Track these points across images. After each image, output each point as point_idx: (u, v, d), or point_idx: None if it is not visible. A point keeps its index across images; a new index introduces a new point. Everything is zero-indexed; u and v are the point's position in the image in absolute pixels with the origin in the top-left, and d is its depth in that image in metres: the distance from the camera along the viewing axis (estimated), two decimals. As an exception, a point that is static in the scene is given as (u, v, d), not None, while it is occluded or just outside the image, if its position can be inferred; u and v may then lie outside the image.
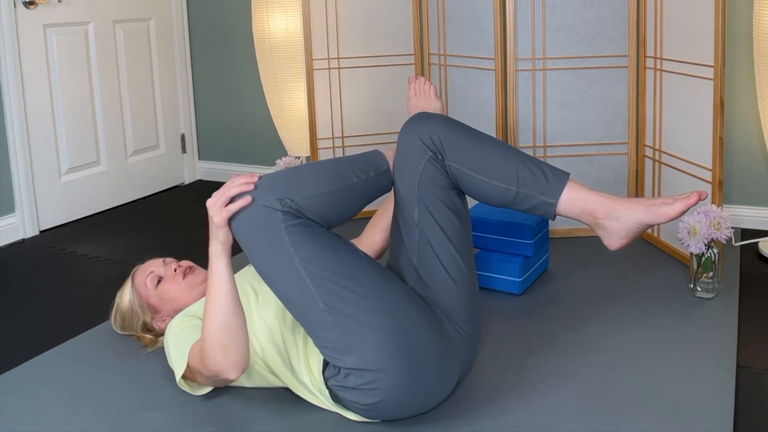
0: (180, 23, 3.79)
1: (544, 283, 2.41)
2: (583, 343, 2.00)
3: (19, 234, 3.09)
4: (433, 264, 1.70)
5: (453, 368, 1.67)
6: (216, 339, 1.61)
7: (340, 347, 1.55)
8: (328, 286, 1.55)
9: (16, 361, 2.03)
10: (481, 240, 2.40)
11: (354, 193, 1.66)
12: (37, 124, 3.14)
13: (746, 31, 2.78)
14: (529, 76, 2.74)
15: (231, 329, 1.61)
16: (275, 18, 3.23)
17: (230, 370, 1.63)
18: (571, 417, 1.67)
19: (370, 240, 2.05)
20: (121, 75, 3.51)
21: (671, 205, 1.64)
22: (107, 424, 1.70)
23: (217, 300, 1.61)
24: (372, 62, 3.08)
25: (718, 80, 2.26)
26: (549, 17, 2.70)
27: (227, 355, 1.62)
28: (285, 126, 3.38)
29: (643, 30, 2.66)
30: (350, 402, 1.61)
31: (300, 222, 1.56)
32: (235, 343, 1.62)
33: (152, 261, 2.04)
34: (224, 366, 1.62)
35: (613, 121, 2.76)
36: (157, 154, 3.75)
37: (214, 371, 1.64)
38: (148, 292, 1.97)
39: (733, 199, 2.93)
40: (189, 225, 3.21)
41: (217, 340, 1.61)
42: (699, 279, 2.25)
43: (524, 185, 1.68)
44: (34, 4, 3.07)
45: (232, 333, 1.61)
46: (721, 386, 1.77)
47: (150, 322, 1.99)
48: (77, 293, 2.50)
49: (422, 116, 1.73)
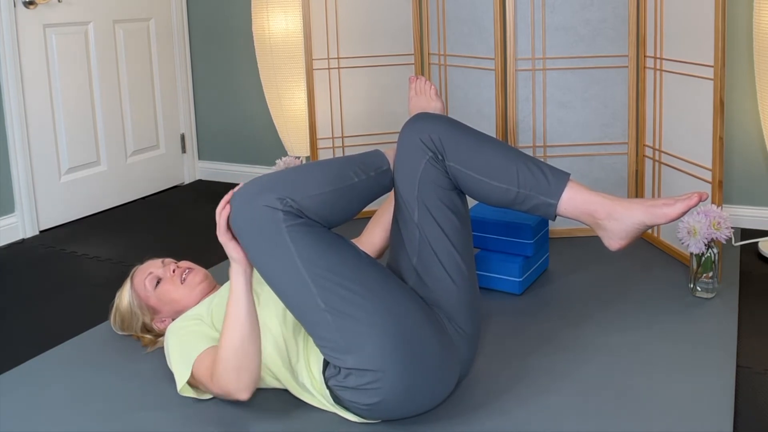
0: (180, 23, 3.79)
1: (544, 283, 2.41)
2: (582, 343, 2.00)
3: (19, 234, 3.09)
4: (433, 264, 1.70)
5: (453, 368, 1.67)
6: (231, 361, 1.62)
7: (340, 347, 1.56)
8: (329, 286, 1.55)
9: (16, 361, 2.03)
10: (481, 240, 2.40)
11: (355, 193, 1.66)
12: (37, 124, 3.14)
13: (746, 31, 2.78)
14: (529, 76, 2.74)
15: (247, 352, 1.63)
16: (275, 18, 3.23)
17: (242, 391, 1.64)
18: (571, 417, 1.67)
19: (370, 240, 2.05)
20: (121, 75, 3.51)
21: (672, 206, 1.63)
22: (107, 424, 1.70)
23: (235, 322, 1.63)
24: (372, 62, 3.08)
25: (718, 80, 2.26)
26: (549, 17, 2.70)
27: (240, 378, 1.63)
28: (285, 126, 3.38)
29: (643, 30, 2.66)
30: (350, 402, 1.61)
31: (301, 222, 1.56)
32: (249, 366, 1.63)
33: (151, 261, 2.04)
34: (236, 387, 1.64)
35: (613, 121, 2.76)
36: (157, 154, 3.75)
37: (226, 391, 1.65)
38: (147, 293, 1.97)
39: (733, 199, 2.93)
40: (189, 225, 3.21)
41: (231, 362, 1.62)
42: (699, 279, 2.25)
43: (524, 186, 1.68)
44: (34, 4, 3.07)
45: (247, 356, 1.63)
46: (721, 386, 1.77)
47: (149, 323, 1.99)
48: (77, 293, 2.50)
49: (422, 116, 1.73)
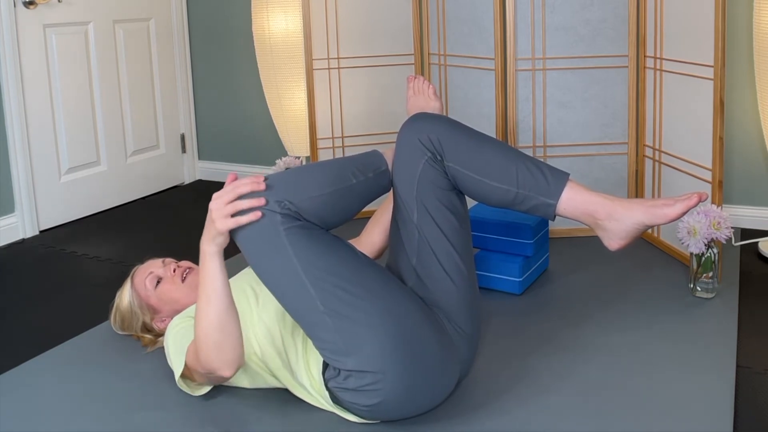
0: (180, 23, 3.79)
1: (544, 283, 2.41)
2: (582, 343, 2.00)
3: (19, 234, 3.09)
4: (432, 265, 1.69)
5: (453, 368, 1.67)
6: (210, 337, 1.60)
7: (340, 349, 1.55)
8: (328, 288, 1.54)
9: (16, 361, 2.03)
10: (480, 240, 2.40)
11: (353, 195, 1.65)
12: (37, 124, 3.14)
13: (746, 31, 2.78)
14: (529, 76, 2.74)
15: (224, 327, 1.61)
16: (275, 18, 3.23)
17: (224, 368, 1.63)
18: (570, 417, 1.67)
19: (369, 240, 2.05)
20: (121, 75, 3.51)
21: (672, 207, 1.63)
22: (107, 424, 1.70)
23: (212, 299, 1.60)
24: (372, 62, 3.08)
25: (718, 80, 2.26)
26: (549, 17, 2.70)
27: (221, 353, 1.61)
28: (285, 126, 3.38)
29: (643, 30, 2.66)
30: (350, 403, 1.61)
31: (299, 224, 1.56)
32: (229, 341, 1.62)
33: (151, 261, 2.04)
34: (218, 364, 1.62)
35: (613, 121, 2.76)
36: (157, 154, 3.75)
37: (209, 369, 1.64)
38: (148, 292, 1.97)
39: (733, 199, 2.93)
40: (189, 225, 3.21)
41: (210, 338, 1.60)
42: (699, 279, 2.25)
43: (524, 186, 1.68)
44: (34, 4, 3.07)
45: (225, 331, 1.61)
46: (721, 386, 1.77)
47: (149, 323, 1.99)
48: (77, 293, 2.50)
49: (421, 116, 1.73)
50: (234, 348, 1.63)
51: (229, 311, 1.62)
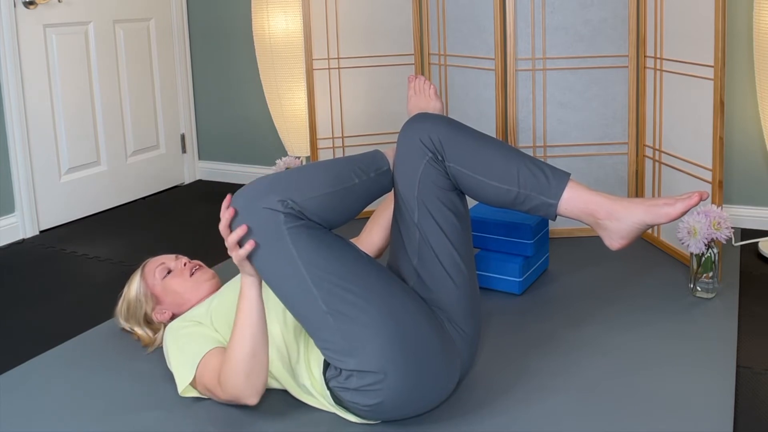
0: (180, 23, 3.79)
1: (544, 283, 2.41)
2: (583, 343, 2.00)
3: (19, 234, 3.09)
4: (433, 265, 1.69)
5: (454, 369, 1.67)
6: (241, 366, 1.61)
7: (341, 349, 1.55)
8: (330, 288, 1.54)
9: (16, 361, 2.03)
10: (481, 240, 2.40)
11: (355, 194, 1.66)
12: (37, 124, 3.14)
13: (746, 31, 2.78)
14: (529, 76, 2.74)
15: (257, 357, 1.62)
16: (275, 18, 3.23)
17: (252, 396, 1.64)
18: (571, 417, 1.67)
19: (370, 239, 2.05)
20: (121, 75, 3.51)
21: (672, 206, 1.63)
22: (107, 424, 1.70)
23: (248, 327, 1.61)
24: (372, 62, 3.08)
25: (718, 80, 2.26)
26: (549, 17, 2.70)
27: (249, 383, 1.63)
28: (285, 126, 3.38)
29: (643, 30, 2.66)
30: (351, 403, 1.61)
31: (302, 223, 1.56)
32: (259, 371, 1.63)
33: (165, 255, 2.07)
34: (247, 393, 1.63)
35: (613, 121, 2.76)
36: (157, 154, 3.75)
37: (235, 396, 1.64)
38: (155, 281, 1.99)
39: (733, 199, 2.93)
40: (189, 225, 3.21)
41: (242, 366, 1.61)
42: (699, 279, 2.25)
43: (525, 186, 1.68)
44: (34, 4, 3.07)
45: (257, 361, 1.62)
46: (721, 386, 1.77)
47: (150, 313, 2.00)
48: (77, 293, 2.50)
49: (422, 117, 1.73)
50: (262, 377, 1.64)
51: (263, 342, 1.63)
